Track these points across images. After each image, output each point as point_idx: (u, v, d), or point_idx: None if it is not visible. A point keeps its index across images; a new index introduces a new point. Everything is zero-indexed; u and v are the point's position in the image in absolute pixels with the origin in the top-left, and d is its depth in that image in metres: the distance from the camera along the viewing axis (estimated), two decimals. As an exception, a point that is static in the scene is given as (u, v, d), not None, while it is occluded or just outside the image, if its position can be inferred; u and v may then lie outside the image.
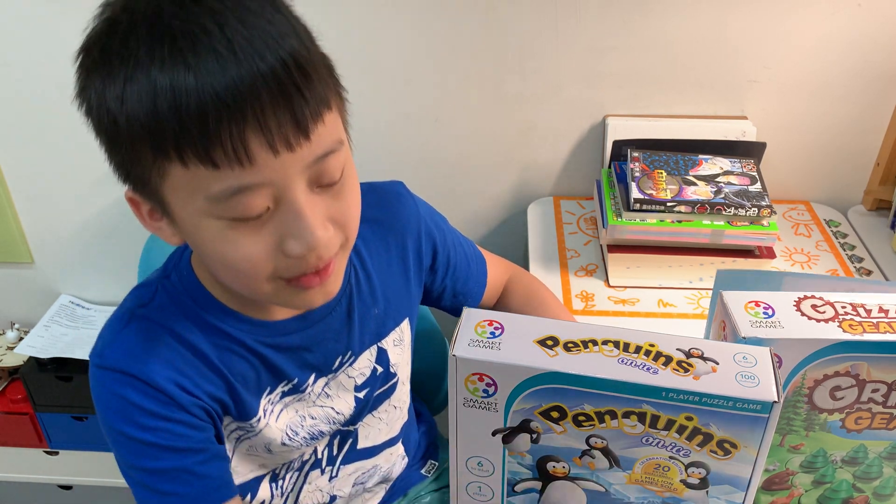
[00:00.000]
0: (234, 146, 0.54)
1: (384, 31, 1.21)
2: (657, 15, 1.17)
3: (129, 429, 0.66)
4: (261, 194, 0.57)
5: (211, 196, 0.56)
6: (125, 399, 0.65)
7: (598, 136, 1.28)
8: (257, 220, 0.58)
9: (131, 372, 0.65)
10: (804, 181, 1.30)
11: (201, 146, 0.53)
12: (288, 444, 0.76)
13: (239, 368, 0.70)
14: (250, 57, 0.53)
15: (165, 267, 0.72)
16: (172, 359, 0.67)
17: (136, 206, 0.63)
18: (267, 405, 0.74)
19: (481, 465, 0.69)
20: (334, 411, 0.79)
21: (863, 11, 1.14)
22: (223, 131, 0.53)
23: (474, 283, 0.91)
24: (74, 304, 1.56)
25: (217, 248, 0.60)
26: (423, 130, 1.31)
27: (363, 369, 0.79)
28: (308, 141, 0.56)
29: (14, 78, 1.30)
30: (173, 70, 0.52)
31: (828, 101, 1.22)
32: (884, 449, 0.71)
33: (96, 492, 1.57)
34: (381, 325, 0.80)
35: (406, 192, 0.83)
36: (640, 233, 1.07)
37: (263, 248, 0.59)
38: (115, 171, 0.61)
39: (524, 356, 0.62)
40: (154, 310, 0.68)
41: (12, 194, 1.43)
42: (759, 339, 0.64)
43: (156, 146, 0.55)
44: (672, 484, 0.66)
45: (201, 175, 0.55)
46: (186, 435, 0.67)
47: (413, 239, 0.82)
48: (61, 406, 1.48)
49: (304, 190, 0.58)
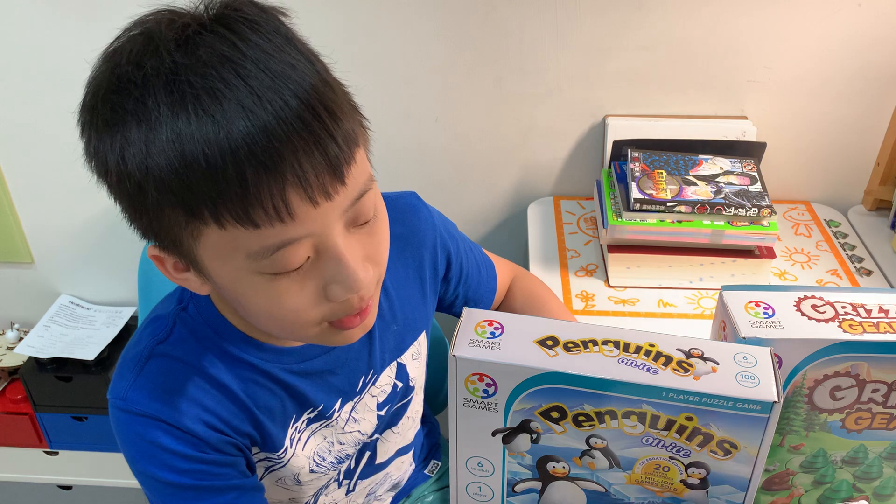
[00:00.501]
0: (276, 205, 0.52)
1: (384, 31, 1.21)
2: (657, 15, 1.17)
3: (164, 473, 0.65)
4: (302, 246, 0.55)
5: (252, 254, 0.54)
6: (155, 444, 0.64)
7: (598, 136, 1.28)
8: (299, 270, 0.57)
9: (160, 417, 0.64)
10: (804, 181, 1.30)
11: (241, 208, 0.51)
12: (316, 471, 0.76)
13: (264, 401, 0.69)
14: (278, 107, 0.51)
15: (181, 298, 0.70)
16: (198, 397, 0.65)
17: (160, 262, 0.61)
18: (294, 433, 0.73)
19: (481, 465, 0.69)
20: (360, 434, 0.79)
21: (863, 11, 1.14)
22: (262, 192, 0.51)
23: (485, 290, 0.90)
24: (74, 304, 1.56)
25: (262, 302, 0.58)
26: (423, 130, 1.30)
27: (384, 386, 0.79)
28: (344, 186, 0.55)
29: (14, 78, 1.30)
30: (201, 129, 0.50)
31: (828, 101, 1.22)
32: (884, 449, 0.71)
33: (96, 492, 1.57)
34: (401, 341, 0.79)
35: (422, 205, 0.82)
36: (640, 233, 1.07)
37: (308, 298, 0.58)
38: (138, 231, 0.59)
39: (524, 356, 0.62)
40: (173, 345, 0.67)
41: (12, 194, 1.43)
42: (759, 339, 0.64)
43: (189, 210, 0.52)
44: (672, 484, 0.66)
45: (240, 235, 0.53)
46: (220, 473, 0.67)
47: (429, 251, 0.81)
48: (61, 406, 1.48)
49: (342, 233, 0.57)
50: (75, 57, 1.33)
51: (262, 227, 0.52)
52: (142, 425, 0.64)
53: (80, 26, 1.23)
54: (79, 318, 1.53)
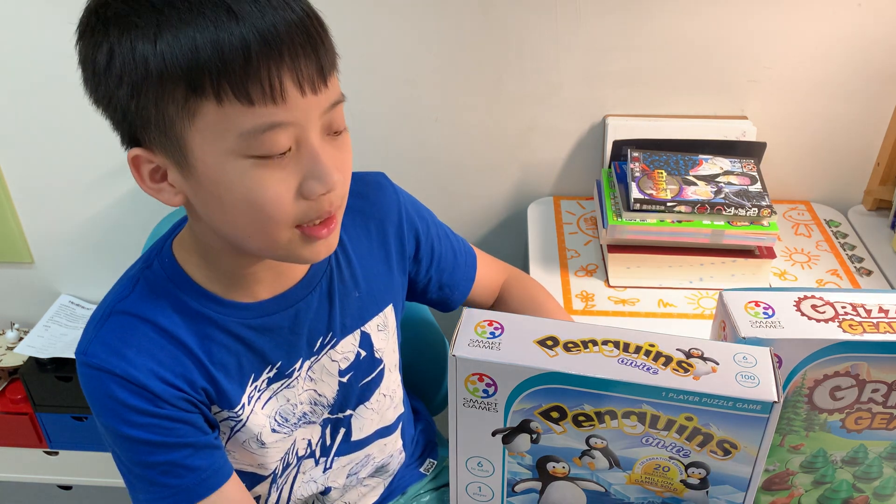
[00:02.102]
0: (272, 83, 0.58)
1: (384, 31, 1.21)
2: (657, 15, 1.17)
3: (121, 427, 0.68)
4: (287, 133, 0.60)
5: (243, 132, 0.59)
6: (112, 397, 0.67)
7: (598, 136, 1.28)
8: (281, 160, 0.61)
9: (115, 371, 0.67)
10: (804, 181, 1.30)
11: (241, 82, 0.57)
12: (278, 432, 0.78)
13: (220, 357, 0.72)
14: (283, 7, 0.59)
15: (147, 256, 0.73)
16: (153, 351, 0.69)
17: (137, 167, 0.64)
18: (253, 392, 0.75)
19: (481, 465, 0.69)
20: (317, 394, 0.80)
21: (863, 11, 1.14)
22: (262, 68, 0.57)
23: (461, 277, 0.91)
24: (74, 304, 1.56)
25: (243, 191, 0.62)
26: (423, 130, 1.31)
27: (347, 353, 0.81)
28: (326, 87, 0.62)
29: (14, 78, 1.30)
30: (216, 14, 0.57)
31: (828, 100, 1.22)
32: (884, 449, 0.71)
33: (96, 492, 1.57)
34: (364, 309, 0.82)
35: (387, 182, 0.85)
36: (640, 233, 1.07)
37: (287, 190, 0.62)
38: (125, 128, 0.63)
39: (524, 356, 0.62)
40: (133, 302, 0.70)
41: (12, 194, 1.43)
42: (759, 339, 0.64)
43: (192, 84, 0.57)
44: (672, 484, 0.66)
45: (235, 112, 0.58)
46: (174, 429, 0.69)
47: (394, 226, 0.83)
48: (61, 406, 1.48)
49: (319, 135, 0.63)
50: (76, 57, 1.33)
51: (257, 105, 0.58)
52: (99, 379, 0.67)
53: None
54: (79, 318, 1.53)
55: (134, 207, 1.42)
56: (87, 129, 1.32)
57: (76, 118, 1.31)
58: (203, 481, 0.71)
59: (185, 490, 0.70)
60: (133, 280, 0.72)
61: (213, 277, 0.72)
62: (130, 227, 1.42)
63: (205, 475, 0.71)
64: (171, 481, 0.70)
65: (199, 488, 0.71)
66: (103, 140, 1.36)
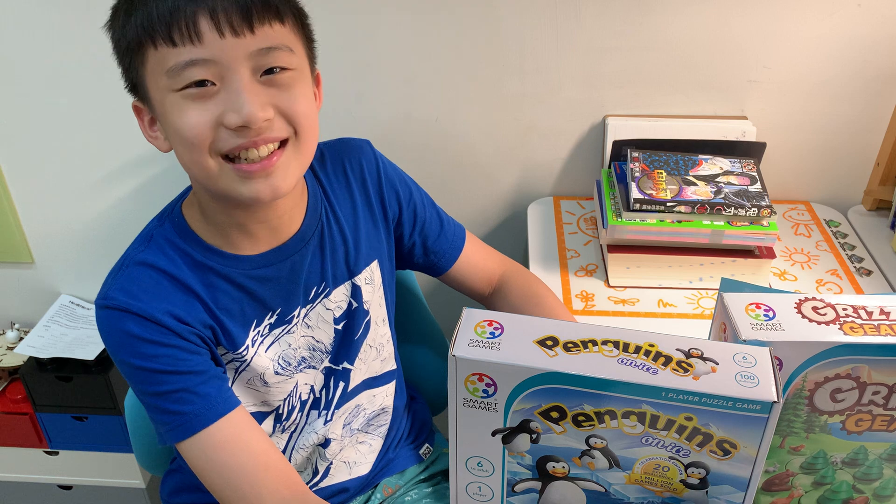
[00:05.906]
0: (188, 25, 0.68)
1: (384, 30, 1.21)
2: (657, 15, 1.17)
3: (134, 359, 0.76)
4: (207, 68, 0.69)
5: (169, 69, 0.69)
6: (127, 332, 0.75)
7: (598, 136, 1.28)
8: (205, 95, 0.70)
9: (131, 309, 0.75)
10: (804, 181, 1.30)
11: (167, 27, 0.68)
12: (281, 374, 0.85)
13: (224, 302, 0.80)
14: None
15: (161, 215, 0.83)
16: (166, 295, 0.77)
17: (139, 115, 0.77)
18: (256, 336, 0.83)
19: (481, 465, 0.69)
20: (314, 340, 0.87)
21: (862, 11, 1.14)
22: (183, 14, 0.68)
23: (448, 246, 0.97)
24: (74, 304, 1.56)
25: (174, 121, 0.71)
26: (423, 130, 1.31)
27: (340, 302, 0.88)
28: (252, 34, 0.69)
29: (14, 78, 1.30)
30: None
31: (828, 100, 1.22)
32: (884, 451, 0.71)
33: (96, 492, 1.57)
34: (354, 263, 0.88)
35: (369, 147, 0.92)
36: (640, 233, 1.07)
37: (206, 119, 0.70)
38: (127, 83, 0.75)
39: (524, 356, 0.62)
40: (149, 254, 0.79)
41: (12, 194, 1.43)
42: (759, 341, 0.64)
43: (138, 40, 0.70)
44: (672, 484, 0.66)
45: (165, 54, 0.69)
46: (184, 359, 0.77)
47: (374, 188, 0.90)
48: (61, 406, 1.48)
49: (248, 76, 0.70)
50: (76, 58, 1.33)
51: (178, 45, 0.68)
52: (116, 318, 0.76)
53: (81, 27, 1.23)
54: (79, 318, 1.53)
55: (134, 208, 1.42)
56: (87, 129, 1.32)
57: (76, 119, 1.31)
58: (213, 407, 0.77)
59: (196, 415, 0.76)
60: (147, 236, 0.81)
61: (214, 232, 0.80)
62: (130, 228, 1.41)
63: (214, 402, 0.77)
64: (182, 408, 0.76)
65: (209, 413, 0.77)
66: (103, 140, 1.37)
